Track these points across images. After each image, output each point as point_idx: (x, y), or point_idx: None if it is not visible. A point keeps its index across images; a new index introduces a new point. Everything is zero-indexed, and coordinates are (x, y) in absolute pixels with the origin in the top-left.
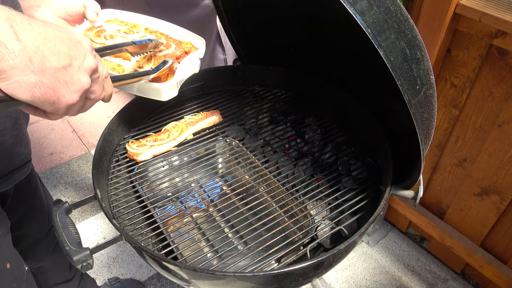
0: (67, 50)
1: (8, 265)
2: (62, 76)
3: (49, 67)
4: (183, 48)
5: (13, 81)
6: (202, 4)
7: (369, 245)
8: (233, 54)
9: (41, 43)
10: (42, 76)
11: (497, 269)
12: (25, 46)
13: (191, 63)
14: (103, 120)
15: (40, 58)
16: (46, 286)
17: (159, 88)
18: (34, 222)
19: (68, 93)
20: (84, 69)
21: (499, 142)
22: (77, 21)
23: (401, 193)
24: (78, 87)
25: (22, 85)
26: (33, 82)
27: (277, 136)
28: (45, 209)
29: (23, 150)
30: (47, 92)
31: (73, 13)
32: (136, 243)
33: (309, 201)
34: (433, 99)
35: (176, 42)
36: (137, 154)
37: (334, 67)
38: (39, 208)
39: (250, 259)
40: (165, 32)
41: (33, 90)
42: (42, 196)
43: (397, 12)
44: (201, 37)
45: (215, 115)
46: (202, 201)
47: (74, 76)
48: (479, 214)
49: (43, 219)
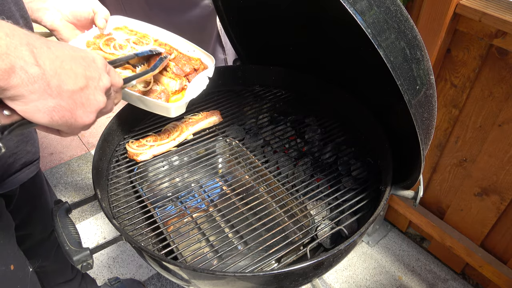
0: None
1: (12, 267)
2: (79, 98)
3: (66, 90)
4: (192, 65)
5: (32, 105)
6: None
7: (369, 245)
8: (233, 54)
9: (59, 66)
10: (59, 99)
11: (497, 269)
12: (44, 71)
13: (200, 82)
14: (103, 120)
15: (58, 81)
16: (48, 286)
17: (168, 107)
18: (38, 222)
19: (85, 114)
20: (99, 89)
21: (499, 142)
22: (86, 26)
23: (401, 193)
24: (95, 108)
25: (41, 109)
26: (52, 106)
27: (277, 136)
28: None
29: (29, 149)
30: (65, 115)
31: (82, 18)
32: (136, 243)
33: (309, 201)
34: (433, 99)
35: (186, 58)
36: (137, 154)
37: (334, 67)
38: (44, 208)
39: (250, 259)
40: (175, 46)
41: (52, 114)
42: (48, 196)
43: (397, 12)
44: (211, 55)
45: (215, 115)
46: (202, 201)
47: (90, 97)
48: (479, 214)
49: (47, 219)
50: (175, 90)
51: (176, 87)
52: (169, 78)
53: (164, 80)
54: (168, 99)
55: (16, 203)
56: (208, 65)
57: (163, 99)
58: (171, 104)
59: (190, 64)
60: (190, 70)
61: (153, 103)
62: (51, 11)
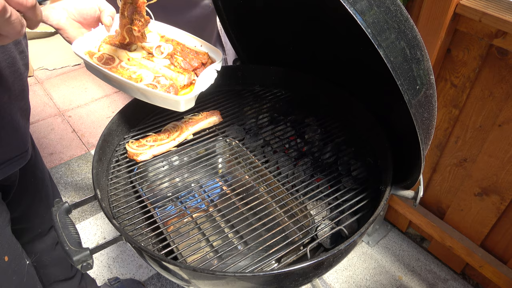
0: None
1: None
2: None
3: None
4: (200, 59)
5: None
6: (202, 4)
7: (369, 245)
8: (233, 54)
9: None
10: None
11: (497, 269)
12: None
13: (209, 75)
14: (103, 120)
15: None
16: (47, 282)
17: (178, 100)
18: (38, 216)
19: None
20: None
21: (499, 142)
22: (92, 24)
23: (401, 193)
24: None
25: None
26: None
27: (277, 136)
28: (51, 203)
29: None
30: None
31: (88, 17)
32: (136, 243)
33: (309, 201)
34: (433, 99)
35: (193, 52)
36: (137, 154)
37: (334, 67)
38: (45, 203)
39: (250, 259)
40: (182, 41)
41: None
42: (49, 191)
43: (397, 12)
44: (218, 49)
45: (215, 115)
46: (202, 201)
47: None
48: (479, 214)
49: (47, 213)
50: (184, 84)
51: (184, 81)
52: (177, 72)
53: (173, 74)
54: (177, 94)
55: (14, 195)
56: (216, 59)
57: (173, 93)
58: (181, 97)
59: (198, 59)
60: (198, 64)
61: (162, 97)
62: (57, 10)
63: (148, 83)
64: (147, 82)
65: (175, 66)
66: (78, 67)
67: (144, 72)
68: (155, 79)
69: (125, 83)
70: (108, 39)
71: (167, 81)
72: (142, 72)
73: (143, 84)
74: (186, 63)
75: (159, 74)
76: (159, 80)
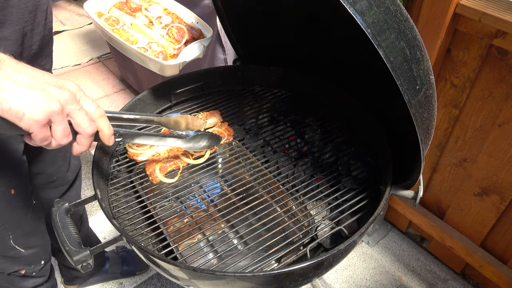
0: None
1: (12, 191)
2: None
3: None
4: (192, 34)
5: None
6: (202, 4)
7: (369, 245)
8: (233, 54)
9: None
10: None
11: (497, 269)
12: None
13: (196, 48)
14: None
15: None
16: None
17: (163, 64)
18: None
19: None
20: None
21: (499, 142)
22: None
23: (401, 193)
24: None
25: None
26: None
27: (277, 136)
28: (68, 157)
29: None
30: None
31: None
32: (136, 243)
33: (309, 201)
34: (433, 99)
35: (188, 26)
36: (137, 154)
37: (334, 67)
38: (62, 153)
39: (250, 259)
40: (180, 15)
41: None
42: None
43: (397, 12)
44: (210, 27)
45: (215, 116)
46: (202, 201)
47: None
48: (479, 214)
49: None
50: (174, 54)
51: (174, 51)
52: (169, 42)
53: (165, 43)
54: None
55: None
56: (207, 35)
57: (161, 59)
58: (165, 62)
59: (190, 33)
60: (189, 38)
61: (149, 59)
62: None
63: (140, 46)
64: (140, 46)
65: (169, 37)
66: (78, 67)
67: (140, 36)
68: (148, 43)
69: (122, 43)
70: (118, 5)
71: (158, 48)
72: (139, 37)
73: (136, 46)
74: (179, 35)
75: (153, 40)
76: (151, 45)
